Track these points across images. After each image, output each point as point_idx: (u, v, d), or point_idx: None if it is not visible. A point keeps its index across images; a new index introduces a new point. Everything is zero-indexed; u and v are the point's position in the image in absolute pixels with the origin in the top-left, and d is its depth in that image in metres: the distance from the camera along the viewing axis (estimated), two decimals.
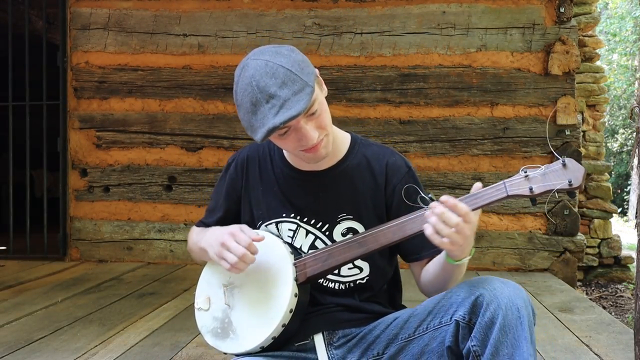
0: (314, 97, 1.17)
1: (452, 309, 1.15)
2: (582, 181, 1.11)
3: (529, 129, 3.91)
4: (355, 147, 1.38)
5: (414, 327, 1.22)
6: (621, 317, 4.11)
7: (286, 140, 1.22)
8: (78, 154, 4.25)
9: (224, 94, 4.12)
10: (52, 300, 3.08)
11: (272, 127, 1.13)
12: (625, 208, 13.83)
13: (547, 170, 1.14)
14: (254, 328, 1.23)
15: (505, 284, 1.13)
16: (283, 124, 1.12)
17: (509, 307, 1.08)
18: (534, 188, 1.13)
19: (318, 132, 1.21)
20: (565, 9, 3.88)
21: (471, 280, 1.18)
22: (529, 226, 3.93)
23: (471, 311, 1.12)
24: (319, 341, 1.30)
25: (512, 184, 1.15)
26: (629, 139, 14.43)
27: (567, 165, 1.12)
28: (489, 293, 1.11)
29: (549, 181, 1.12)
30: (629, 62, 14.68)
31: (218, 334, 1.28)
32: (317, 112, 1.20)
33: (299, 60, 1.19)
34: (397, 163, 1.37)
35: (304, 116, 1.18)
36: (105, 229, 4.23)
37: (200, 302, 1.33)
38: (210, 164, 4.14)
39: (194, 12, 4.16)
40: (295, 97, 1.13)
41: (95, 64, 4.24)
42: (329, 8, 4.06)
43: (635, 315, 1.76)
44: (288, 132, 1.20)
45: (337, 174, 1.35)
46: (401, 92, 3.99)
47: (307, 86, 1.15)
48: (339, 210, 1.34)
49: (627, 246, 6.63)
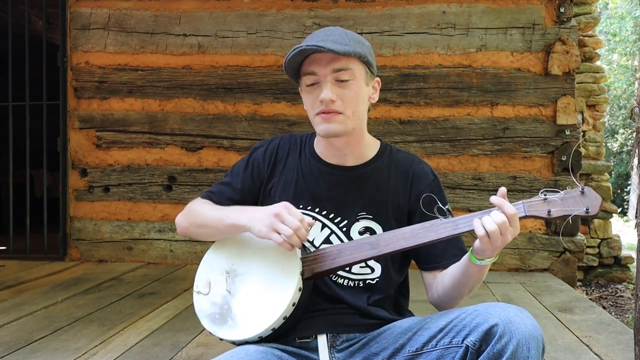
0: (348, 62, 1.27)
1: (464, 332, 1.15)
2: (599, 210, 1.16)
3: (529, 129, 3.91)
4: (385, 152, 1.42)
5: (423, 342, 1.21)
6: (621, 317, 4.11)
7: (309, 95, 1.31)
8: (78, 154, 4.25)
9: (224, 94, 4.12)
10: (52, 300, 3.08)
11: (298, 46, 1.25)
12: (625, 208, 13.83)
13: (565, 196, 1.17)
14: (254, 317, 1.22)
15: (522, 318, 1.12)
16: (307, 46, 1.24)
17: (521, 344, 1.08)
18: (552, 211, 1.16)
19: (339, 99, 1.27)
20: (565, 9, 3.88)
21: (488, 305, 1.17)
22: (529, 226, 3.93)
23: (483, 339, 1.12)
24: (322, 342, 1.29)
25: (531, 204, 1.18)
26: (629, 139, 14.42)
27: (585, 193, 1.16)
28: (504, 325, 1.10)
29: (567, 206, 1.16)
30: (629, 62, 14.68)
31: (216, 319, 1.28)
32: (347, 82, 1.28)
33: (362, 41, 1.33)
34: (425, 170, 1.42)
35: (331, 74, 1.27)
36: (105, 229, 4.23)
37: (200, 286, 1.32)
38: (210, 164, 4.14)
39: (194, 12, 4.16)
40: (333, 43, 1.25)
41: (95, 64, 4.24)
42: (329, 8, 4.06)
43: (635, 315, 1.76)
44: (314, 86, 1.29)
45: (363, 173, 1.38)
46: (401, 92, 3.99)
47: (349, 46, 1.26)
48: (359, 208, 1.35)
49: (627, 246, 6.63)
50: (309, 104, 1.32)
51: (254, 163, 1.43)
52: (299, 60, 1.29)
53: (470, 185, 3.95)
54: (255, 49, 4.06)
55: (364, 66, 1.31)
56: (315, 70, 1.28)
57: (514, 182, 3.92)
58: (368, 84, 1.33)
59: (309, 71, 1.29)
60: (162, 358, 2.20)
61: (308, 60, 1.29)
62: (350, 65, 1.28)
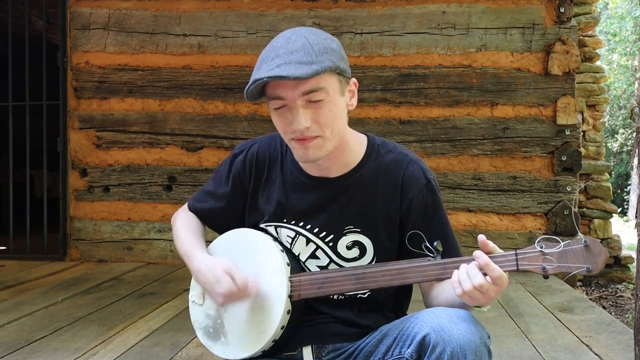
0: (318, 81, 1.11)
1: (407, 342, 1.12)
2: (602, 267, 1.05)
3: (529, 129, 3.91)
4: (372, 154, 1.29)
5: (383, 352, 1.19)
6: (621, 317, 4.11)
7: (279, 118, 1.17)
8: (78, 154, 4.25)
9: (224, 93, 4.12)
10: (52, 300, 3.08)
11: (257, 78, 1.10)
12: (625, 208, 13.83)
13: (565, 249, 1.07)
14: (245, 339, 1.22)
15: (456, 323, 1.06)
16: (268, 79, 1.09)
17: (455, 352, 1.03)
18: (547, 268, 1.07)
19: (312, 124, 1.14)
20: (565, 9, 3.88)
21: (427, 311, 1.14)
22: (529, 226, 3.93)
23: (419, 350, 1.09)
24: (307, 354, 1.26)
25: (524, 257, 1.08)
26: (629, 139, 14.42)
27: (589, 247, 1.05)
28: (436, 334, 1.05)
29: (566, 262, 1.06)
30: (629, 62, 14.67)
31: (210, 333, 1.28)
32: (321, 102, 1.13)
33: (329, 46, 1.14)
34: (415, 174, 1.26)
35: (301, 97, 1.12)
36: (105, 229, 4.23)
37: (194, 295, 1.32)
38: (210, 164, 4.14)
39: (194, 12, 4.16)
40: (297, 64, 1.08)
41: (95, 64, 4.24)
42: (329, 8, 4.06)
43: (635, 315, 1.76)
44: (283, 110, 1.15)
45: (348, 184, 1.27)
46: (401, 92, 3.99)
47: (315, 64, 1.09)
48: (346, 221, 1.26)
49: (627, 246, 6.63)
50: (281, 128, 1.19)
51: (235, 176, 1.36)
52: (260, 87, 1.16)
53: (471, 185, 3.95)
54: (256, 49, 4.05)
55: (336, 77, 1.15)
56: (282, 95, 1.13)
57: (514, 182, 3.92)
58: (344, 94, 1.19)
59: (275, 95, 1.14)
60: (162, 358, 2.20)
61: (272, 84, 1.14)
62: (321, 84, 1.12)
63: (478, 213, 3.97)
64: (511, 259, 1.08)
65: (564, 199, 3.88)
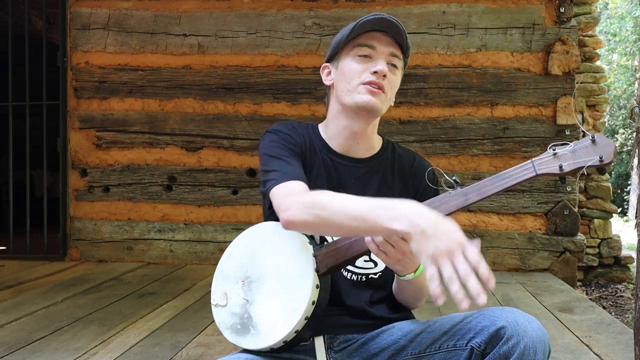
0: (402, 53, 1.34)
1: (469, 334, 1.14)
2: (614, 157, 1.08)
3: (529, 129, 3.91)
4: (388, 146, 1.45)
5: (426, 345, 1.21)
6: (621, 317, 4.11)
7: (359, 64, 1.29)
8: (78, 154, 4.25)
9: (224, 94, 4.12)
10: (52, 300, 3.08)
11: (382, 15, 1.27)
12: (625, 208, 13.83)
13: (576, 147, 1.11)
14: (276, 322, 1.20)
15: (530, 322, 1.10)
16: (391, 22, 1.27)
17: (528, 347, 1.07)
18: (564, 166, 1.10)
19: (387, 79, 1.29)
20: (565, 9, 3.88)
21: (495, 308, 1.16)
22: (529, 226, 3.93)
23: (489, 341, 1.11)
24: (319, 344, 1.27)
25: (541, 162, 1.12)
26: (629, 139, 14.42)
27: (596, 141, 1.09)
28: (513, 327, 1.09)
29: (579, 158, 1.10)
30: (629, 62, 14.66)
31: (238, 330, 1.25)
32: (395, 69, 1.32)
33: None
34: (423, 163, 1.43)
35: (388, 55, 1.30)
36: (105, 229, 4.23)
37: (217, 298, 1.30)
38: (210, 164, 4.14)
39: (194, 12, 4.16)
40: (400, 33, 1.31)
41: (95, 64, 4.24)
42: (329, 8, 4.06)
43: (635, 315, 1.76)
44: (367, 58, 1.29)
45: (372, 166, 1.39)
46: (401, 92, 3.98)
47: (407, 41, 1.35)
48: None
49: (627, 246, 6.63)
50: (355, 72, 1.29)
51: (292, 141, 1.33)
52: (367, 28, 1.29)
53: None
54: (255, 49, 4.06)
55: (405, 62, 1.37)
56: (376, 46, 1.30)
57: None
58: (398, 79, 1.37)
59: (369, 44, 1.30)
60: (162, 358, 2.20)
61: (368, 34, 1.30)
62: (401, 56, 1.34)
63: (478, 213, 3.98)
64: (529, 166, 1.13)
65: (564, 199, 3.88)
